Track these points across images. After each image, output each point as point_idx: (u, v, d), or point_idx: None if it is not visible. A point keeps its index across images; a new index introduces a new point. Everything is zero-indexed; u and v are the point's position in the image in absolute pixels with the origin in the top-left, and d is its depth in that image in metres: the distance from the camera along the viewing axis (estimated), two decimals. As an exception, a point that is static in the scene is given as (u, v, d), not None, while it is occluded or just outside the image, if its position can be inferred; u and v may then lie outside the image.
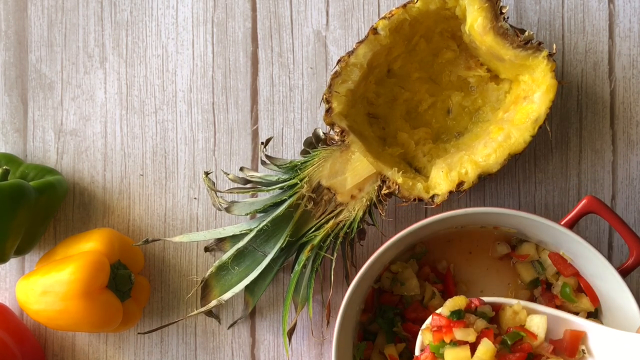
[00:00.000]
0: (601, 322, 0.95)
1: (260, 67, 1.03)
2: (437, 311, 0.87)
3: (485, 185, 1.02)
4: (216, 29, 1.03)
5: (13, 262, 1.03)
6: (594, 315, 0.95)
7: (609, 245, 1.01)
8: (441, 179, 0.93)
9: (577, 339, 0.88)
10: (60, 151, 1.03)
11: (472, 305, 0.87)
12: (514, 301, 0.88)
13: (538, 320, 0.87)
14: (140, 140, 1.03)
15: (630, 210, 1.01)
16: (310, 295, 0.94)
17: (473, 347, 0.84)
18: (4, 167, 0.94)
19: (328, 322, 0.98)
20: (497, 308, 0.89)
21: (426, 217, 0.91)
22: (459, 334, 0.84)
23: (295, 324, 0.95)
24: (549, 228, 0.89)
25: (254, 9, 1.03)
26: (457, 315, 0.85)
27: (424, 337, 0.88)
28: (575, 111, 1.02)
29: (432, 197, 0.92)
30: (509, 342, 0.86)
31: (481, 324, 0.86)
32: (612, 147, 1.01)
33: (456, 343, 0.84)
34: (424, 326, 0.88)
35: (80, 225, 1.03)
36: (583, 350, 0.88)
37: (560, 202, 1.01)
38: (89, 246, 0.95)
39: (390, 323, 0.96)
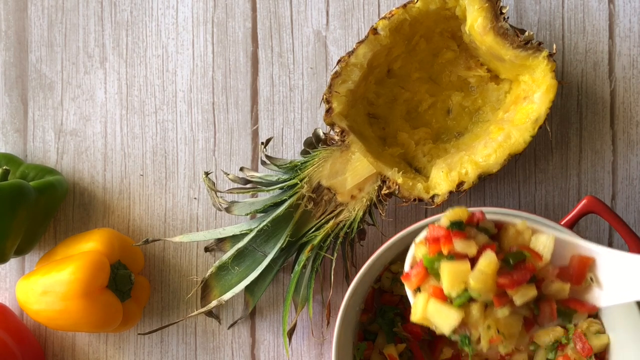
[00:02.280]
0: (601, 321, 0.95)
1: (260, 67, 1.03)
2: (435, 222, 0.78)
3: (485, 185, 1.02)
4: (216, 29, 1.03)
5: (13, 262, 1.03)
6: (594, 315, 0.95)
7: (609, 245, 1.01)
8: (441, 179, 0.93)
9: (585, 266, 0.77)
10: (60, 151, 1.03)
11: (474, 219, 0.77)
12: (518, 220, 0.79)
13: (544, 239, 0.77)
14: (141, 140, 1.03)
15: (630, 210, 1.01)
16: (311, 295, 0.94)
17: (472, 263, 0.73)
18: (4, 167, 0.94)
19: (328, 322, 0.98)
20: (499, 227, 0.79)
21: (426, 217, 0.91)
22: (459, 245, 0.74)
23: (295, 324, 0.95)
24: (549, 228, 0.89)
25: (254, 9, 1.03)
26: (458, 227, 0.75)
27: (417, 251, 0.77)
28: (575, 111, 1.02)
29: (432, 197, 0.92)
30: (511, 262, 0.75)
31: (482, 238, 0.76)
32: (612, 147, 1.01)
33: (454, 256, 0.73)
34: (417, 239, 0.78)
35: (80, 225, 1.03)
36: (591, 278, 0.77)
37: (560, 202, 1.02)
38: (89, 246, 0.95)
39: (391, 323, 0.96)
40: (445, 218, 0.76)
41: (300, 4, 1.02)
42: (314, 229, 0.94)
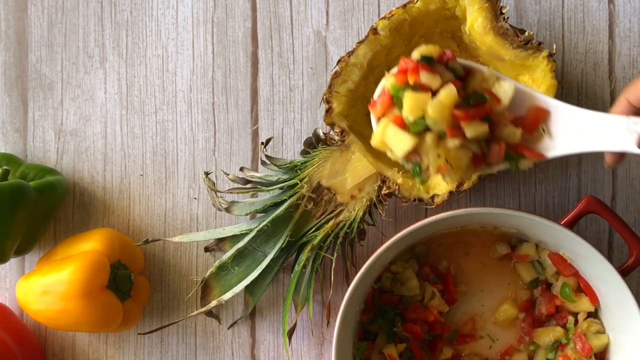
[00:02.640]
0: (601, 321, 0.95)
1: (260, 67, 1.03)
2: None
3: (485, 185, 1.02)
4: (216, 29, 1.03)
5: (13, 262, 1.03)
6: (594, 315, 0.95)
7: (609, 245, 1.01)
8: (441, 179, 0.93)
9: (540, 117, 0.82)
10: (60, 151, 1.03)
11: (444, 57, 0.80)
12: (485, 67, 0.82)
13: (506, 86, 0.81)
14: (140, 140, 1.03)
15: (630, 210, 1.01)
16: (311, 295, 0.94)
17: (434, 96, 0.77)
18: (4, 167, 0.94)
19: (328, 322, 0.98)
20: (468, 72, 0.82)
21: (426, 217, 0.91)
22: (425, 77, 0.77)
23: (295, 324, 0.95)
24: (549, 228, 0.89)
25: (254, 9, 1.03)
26: (428, 61, 0.78)
27: (386, 82, 0.80)
28: (575, 111, 1.02)
29: (432, 197, 0.92)
30: (471, 101, 0.79)
31: (448, 75, 0.79)
32: (612, 147, 1.01)
33: (418, 88, 0.77)
34: (390, 72, 0.81)
35: (80, 225, 1.03)
36: (543, 129, 0.82)
37: (560, 202, 1.01)
38: (89, 246, 0.95)
39: (391, 323, 0.96)
40: (416, 51, 0.79)
41: (300, 4, 1.02)
42: (314, 229, 0.94)
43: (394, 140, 0.79)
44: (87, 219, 1.03)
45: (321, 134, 0.95)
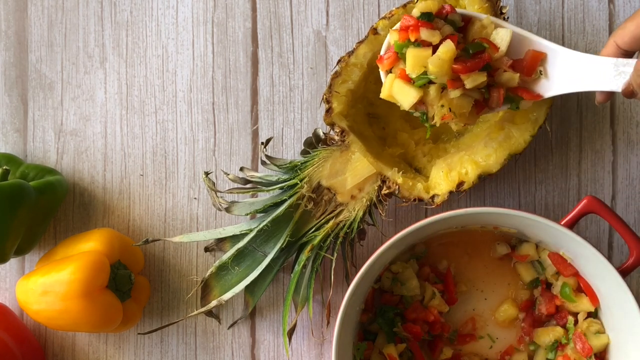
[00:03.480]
0: (601, 321, 0.95)
1: (260, 67, 1.03)
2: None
3: (485, 185, 1.02)
4: (216, 29, 1.03)
5: (13, 262, 1.03)
6: (594, 315, 0.95)
7: (609, 245, 1.01)
8: (441, 179, 0.93)
9: (537, 59, 0.88)
10: (60, 151, 1.03)
11: (444, 12, 0.85)
12: (483, 16, 0.87)
13: (503, 33, 0.86)
14: (140, 140, 1.03)
15: (630, 210, 1.01)
16: (311, 295, 0.94)
17: (436, 50, 0.83)
18: (4, 167, 0.94)
19: (328, 322, 0.98)
20: (467, 22, 0.87)
21: (426, 217, 0.91)
22: (424, 33, 0.83)
23: (295, 324, 0.95)
24: (549, 228, 0.89)
25: (254, 9, 1.03)
26: (427, 17, 0.84)
27: (391, 38, 0.87)
28: (575, 111, 1.02)
29: (432, 197, 0.92)
30: (470, 51, 0.84)
31: (448, 29, 0.85)
32: (612, 147, 1.01)
33: (420, 44, 0.83)
34: (394, 28, 0.87)
35: (80, 225, 1.03)
36: (540, 72, 0.88)
37: (560, 202, 1.02)
38: (89, 246, 0.95)
39: (391, 323, 0.96)
40: (416, 9, 0.85)
41: (300, 4, 1.02)
42: (314, 229, 0.94)
43: (400, 93, 0.85)
44: (87, 219, 1.03)
45: (321, 134, 0.95)
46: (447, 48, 0.82)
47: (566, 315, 0.97)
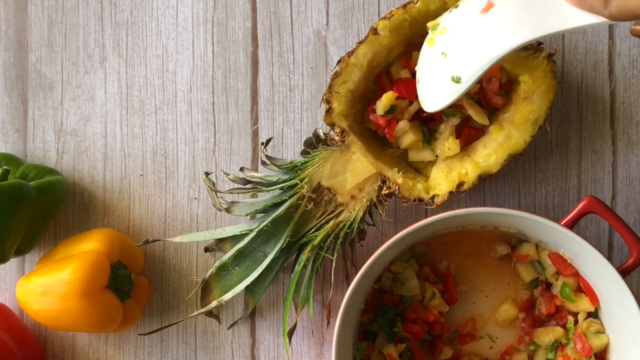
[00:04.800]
0: (601, 321, 0.95)
1: (260, 67, 1.03)
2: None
3: (485, 186, 1.02)
4: (216, 29, 1.03)
5: (13, 262, 1.03)
6: (594, 315, 0.96)
7: (609, 245, 1.01)
8: (441, 179, 0.93)
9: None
10: (60, 151, 1.03)
11: (404, 96, 0.93)
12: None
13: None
14: (140, 140, 1.03)
15: (630, 210, 1.01)
16: (311, 295, 0.94)
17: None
18: (4, 167, 0.94)
19: (328, 322, 0.98)
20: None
21: (426, 217, 0.91)
22: (400, 126, 0.94)
23: (295, 324, 0.95)
24: (549, 228, 0.89)
25: (254, 9, 1.03)
26: (391, 112, 0.94)
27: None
28: (575, 111, 1.02)
29: (432, 197, 0.92)
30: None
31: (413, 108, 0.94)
32: (612, 147, 1.01)
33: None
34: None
35: (80, 225, 1.03)
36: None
37: (560, 202, 1.02)
38: (89, 246, 0.95)
39: (391, 323, 0.96)
40: (378, 108, 0.93)
41: (300, 4, 1.02)
42: (314, 229, 0.94)
43: (416, 155, 0.97)
44: (87, 219, 1.03)
45: (321, 134, 0.95)
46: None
47: (566, 315, 0.97)
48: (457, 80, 0.81)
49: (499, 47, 0.78)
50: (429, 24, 0.87)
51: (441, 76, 0.82)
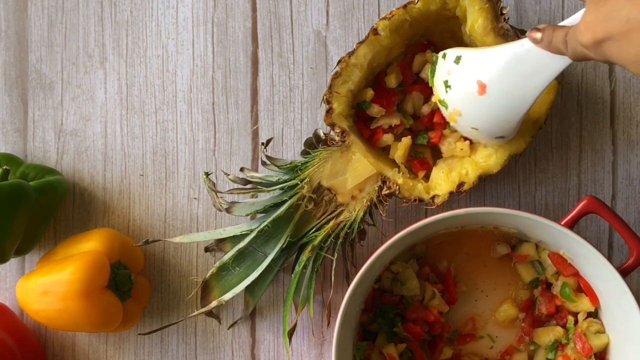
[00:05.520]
0: (601, 321, 0.95)
1: (260, 67, 1.03)
2: None
3: (486, 186, 1.02)
4: (216, 29, 1.03)
5: (13, 262, 1.03)
6: (594, 315, 0.96)
7: (609, 245, 1.01)
8: (441, 180, 0.93)
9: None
10: (60, 151, 1.03)
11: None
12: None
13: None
14: (140, 140, 1.03)
15: (630, 210, 1.01)
16: (311, 295, 0.94)
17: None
18: (4, 167, 0.94)
19: (328, 323, 0.98)
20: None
21: (426, 217, 0.91)
22: (385, 138, 0.96)
23: (295, 324, 0.95)
24: (549, 228, 0.89)
25: (254, 9, 1.03)
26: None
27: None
28: (575, 111, 1.02)
29: (433, 197, 0.92)
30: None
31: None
32: (612, 147, 1.01)
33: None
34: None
35: (80, 225, 1.03)
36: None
37: (560, 202, 1.02)
38: (89, 246, 0.95)
39: (391, 323, 0.96)
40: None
41: (300, 4, 1.02)
42: (314, 229, 0.93)
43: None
44: (87, 219, 1.03)
45: (321, 134, 0.95)
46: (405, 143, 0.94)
47: (566, 315, 0.97)
48: (501, 137, 0.90)
49: (517, 113, 0.86)
50: (434, 99, 0.92)
51: (485, 138, 0.91)
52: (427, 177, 0.94)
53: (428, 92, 0.96)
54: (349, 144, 0.93)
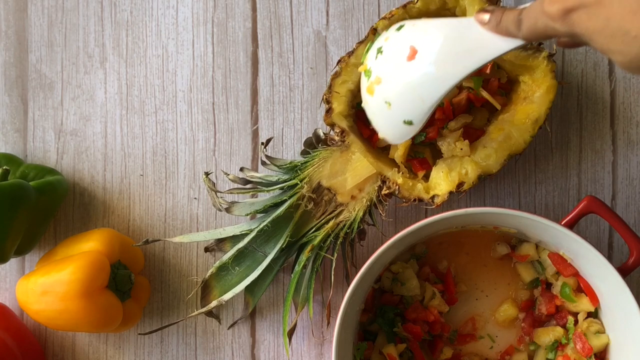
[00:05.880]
0: (601, 321, 0.95)
1: (260, 67, 1.03)
2: None
3: (485, 186, 1.02)
4: (216, 29, 1.03)
5: (13, 262, 1.03)
6: (594, 315, 0.96)
7: (609, 245, 1.01)
8: (441, 179, 0.93)
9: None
10: (60, 151, 1.03)
11: None
12: None
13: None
14: (141, 140, 1.03)
15: (630, 210, 1.01)
16: (311, 295, 0.94)
17: None
18: (4, 167, 0.94)
19: (328, 322, 0.98)
20: None
21: (426, 217, 0.91)
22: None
23: (295, 324, 0.95)
24: (549, 228, 0.89)
25: (254, 9, 1.03)
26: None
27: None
28: (575, 111, 1.02)
29: (432, 197, 0.92)
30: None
31: None
32: (612, 147, 1.01)
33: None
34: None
35: (80, 225, 1.03)
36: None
37: (560, 202, 1.02)
38: (89, 246, 0.95)
39: (391, 323, 0.96)
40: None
41: (300, 4, 1.02)
42: (314, 229, 0.94)
43: None
44: (87, 219, 1.03)
45: (321, 134, 0.95)
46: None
47: (566, 315, 0.97)
48: (409, 123, 0.84)
49: (436, 92, 0.81)
50: (361, 69, 0.87)
51: (392, 120, 0.85)
52: (426, 177, 0.94)
53: None
54: (348, 144, 0.93)
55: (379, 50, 0.85)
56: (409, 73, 0.81)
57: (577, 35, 0.68)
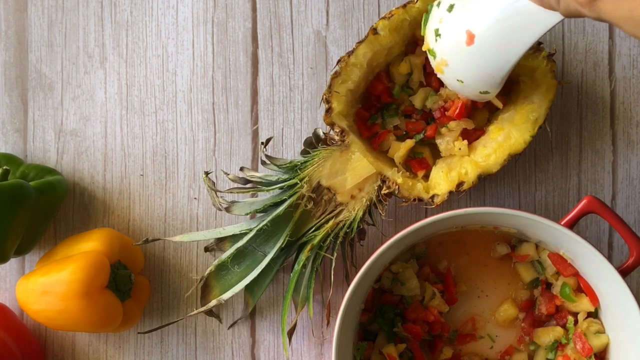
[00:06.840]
0: (601, 321, 0.95)
1: (260, 67, 1.03)
2: None
3: (485, 186, 1.02)
4: (216, 29, 1.03)
5: (13, 262, 1.03)
6: (594, 315, 0.95)
7: (609, 245, 1.01)
8: (441, 179, 0.93)
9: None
10: (60, 151, 1.03)
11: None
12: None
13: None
14: (141, 140, 1.03)
15: (630, 210, 1.01)
16: (311, 295, 0.94)
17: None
18: (4, 167, 0.94)
19: (328, 322, 0.98)
20: None
21: (426, 217, 0.91)
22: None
23: (295, 324, 0.95)
24: (549, 228, 0.89)
25: (254, 9, 1.03)
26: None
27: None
28: (575, 111, 1.02)
29: (432, 197, 0.92)
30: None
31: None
32: (612, 147, 1.01)
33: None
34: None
35: (80, 225, 1.03)
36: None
37: (560, 202, 1.02)
38: (89, 246, 0.95)
39: (391, 323, 0.96)
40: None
41: (300, 4, 1.02)
42: (313, 228, 0.93)
43: None
44: (87, 219, 1.03)
45: (321, 133, 0.95)
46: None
47: (566, 315, 0.97)
48: (485, 93, 0.89)
49: (503, 69, 0.85)
50: (424, 48, 0.90)
51: (470, 91, 0.89)
52: (426, 177, 0.94)
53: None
54: (348, 144, 0.93)
55: (437, 33, 0.87)
56: (472, 57, 0.85)
57: (606, 21, 0.70)
